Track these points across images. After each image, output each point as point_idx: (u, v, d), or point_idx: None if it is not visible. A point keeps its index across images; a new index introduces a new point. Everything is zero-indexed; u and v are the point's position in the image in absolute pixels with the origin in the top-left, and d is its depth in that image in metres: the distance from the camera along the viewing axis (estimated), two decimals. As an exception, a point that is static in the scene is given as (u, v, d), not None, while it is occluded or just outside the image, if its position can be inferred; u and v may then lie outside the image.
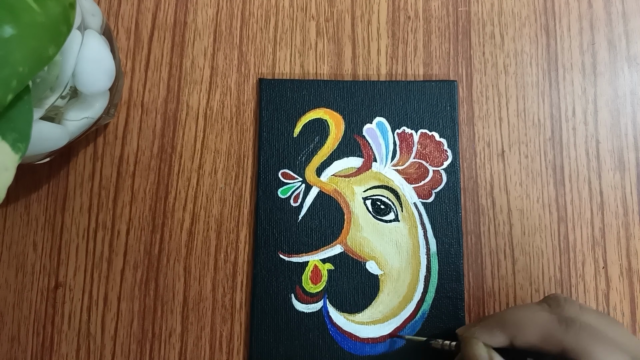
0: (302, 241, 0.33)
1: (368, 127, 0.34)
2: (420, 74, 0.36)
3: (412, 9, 0.37)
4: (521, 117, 0.35)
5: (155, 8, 0.37)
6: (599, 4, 0.37)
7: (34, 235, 0.34)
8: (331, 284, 0.33)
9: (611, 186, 0.34)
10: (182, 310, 0.33)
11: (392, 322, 0.32)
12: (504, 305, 0.33)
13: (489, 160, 0.35)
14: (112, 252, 0.34)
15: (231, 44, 0.36)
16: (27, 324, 0.33)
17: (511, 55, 0.36)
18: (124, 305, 0.33)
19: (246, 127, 0.35)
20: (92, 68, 0.27)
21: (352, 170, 0.34)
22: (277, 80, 0.35)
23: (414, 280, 0.33)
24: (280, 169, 0.34)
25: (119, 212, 0.34)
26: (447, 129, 0.34)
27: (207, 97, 0.36)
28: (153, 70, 0.36)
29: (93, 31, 0.28)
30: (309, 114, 0.35)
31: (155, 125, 0.35)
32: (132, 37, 0.37)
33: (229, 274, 0.34)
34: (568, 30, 0.36)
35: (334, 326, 0.32)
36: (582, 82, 0.36)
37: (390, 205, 0.33)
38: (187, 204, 0.34)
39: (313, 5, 0.37)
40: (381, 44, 0.36)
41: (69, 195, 0.35)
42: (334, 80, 0.35)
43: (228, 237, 0.34)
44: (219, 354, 0.33)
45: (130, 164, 0.35)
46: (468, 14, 0.37)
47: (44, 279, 0.34)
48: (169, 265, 0.34)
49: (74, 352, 0.33)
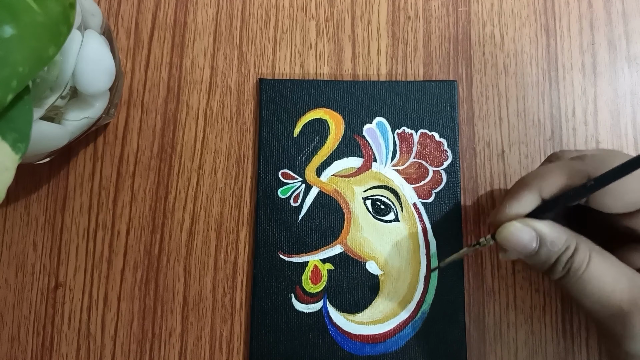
0: (302, 241, 0.33)
1: (368, 127, 0.34)
2: (420, 74, 0.36)
3: (412, 9, 0.37)
4: (521, 117, 0.35)
5: (155, 8, 0.37)
6: (599, 4, 0.37)
7: (34, 235, 0.34)
8: (331, 284, 0.33)
9: (611, 186, 0.34)
10: (182, 310, 0.33)
11: (392, 322, 0.32)
12: (504, 305, 0.33)
13: (489, 160, 0.35)
14: (112, 252, 0.34)
15: (231, 44, 0.36)
16: (27, 324, 0.33)
17: (511, 55, 0.36)
18: (124, 305, 0.33)
19: (246, 127, 0.35)
20: (92, 68, 0.27)
21: (352, 170, 0.34)
22: (277, 80, 0.35)
23: (414, 280, 0.33)
24: (280, 169, 0.34)
25: (119, 212, 0.34)
26: (447, 129, 0.34)
27: (207, 97, 0.36)
28: (153, 70, 0.36)
29: (93, 31, 0.28)
30: (309, 114, 0.35)
31: (155, 125, 0.35)
32: (132, 37, 0.37)
33: (229, 274, 0.34)
34: (568, 30, 0.36)
35: (334, 326, 0.32)
36: (582, 82, 0.36)
37: (390, 205, 0.33)
38: (187, 204, 0.34)
39: (313, 5, 0.37)
40: (381, 44, 0.36)
41: (69, 195, 0.35)
42: (334, 80, 0.35)
43: (228, 237, 0.34)
44: (219, 354, 0.33)
45: (130, 164, 0.35)
46: (468, 14, 0.37)
47: (44, 279, 0.34)
48: (169, 265, 0.34)
49: (74, 352, 0.33)
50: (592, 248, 0.25)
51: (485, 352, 0.32)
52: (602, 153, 0.27)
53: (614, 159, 0.24)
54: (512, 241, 0.25)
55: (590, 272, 0.25)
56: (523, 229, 0.25)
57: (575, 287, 0.25)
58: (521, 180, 0.27)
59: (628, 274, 0.25)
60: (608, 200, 0.24)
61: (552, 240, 0.25)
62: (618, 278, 0.24)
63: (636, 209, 0.24)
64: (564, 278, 0.25)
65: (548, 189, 0.25)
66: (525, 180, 0.27)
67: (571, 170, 0.25)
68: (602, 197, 0.24)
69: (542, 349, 0.32)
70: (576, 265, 0.25)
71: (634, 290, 0.24)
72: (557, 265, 0.25)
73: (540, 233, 0.25)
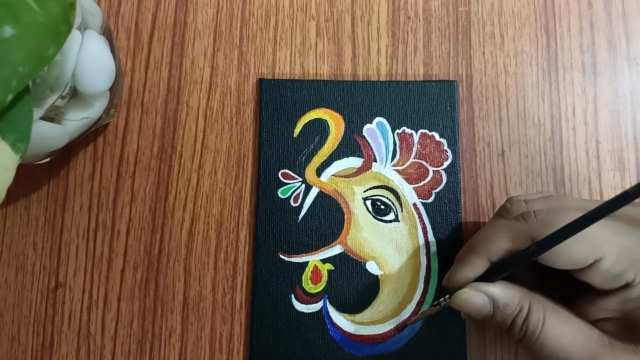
0: (302, 241, 0.33)
1: (368, 127, 0.34)
2: (420, 74, 0.36)
3: (412, 9, 0.37)
4: (521, 117, 0.35)
5: (155, 8, 0.37)
6: (599, 4, 0.37)
7: (34, 235, 0.34)
8: (331, 284, 0.33)
9: (611, 186, 0.34)
10: (182, 310, 0.33)
11: (392, 322, 0.32)
12: (504, 306, 0.33)
13: (489, 160, 0.35)
14: (112, 252, 0.34)
15: (231, 44, 0.36)
16: (27, 324, 0.33)
17: (511, 55, 0.36)
18: (124, 305, 0.33)
19: (246, 127, 0.35)
20: (92, 68, 0.27)
21: (352, 170, 0.34)
22: (277, 81, 0.35)
23: (414, 280, 0.33)
24: (280, 169, 0.34)
25: (119, 212, 0.34)
26: (447, 129, 0.34)
27: (207, 97, 0.36)
28: (153, 70, 0.36)
29: (93, 31, 0.28)
30: (309, 114, 0.35)
31: (155, 125, 0.35)
32: (132, 37, 0.37)
33: (229, 274, 0.34)
34: (568, 30, 0.36)
35: (334, 326, 0.32)
36: (582, 82, 0.36)
37: (390, 205, 0.33)
38: (187, 204, 0.34)
39: (313, 5, 0.37)
40: (381, 44, 0.36)
41: (69, 195, 0.35)
42: (334, 80, 0.35)
43: (228, 237, 0.34)
44: (219, 354, 0.33)
45: (130, 164, 0.35)
46: (468, 14, 0.37)
47: (44, 279, 0.34)
48: (169, 265, 0.34)
49: (74, 352, 0.33)
50: (545, 307, 0.25)
51: (485, 352, 0.32)
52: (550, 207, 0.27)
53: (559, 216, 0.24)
54: (466, 307, 0.26)
55: (545, 333, 0.25)
56: (475, 295, 0.26)
57: (534, 348, 0.25)
58: (469, 244, 0.27)
59: (584, 329, 0.25)
60: (555, 259, 0.24)
61: (504, 302, 0.25)
62: (574, 336, 0.24)
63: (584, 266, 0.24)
64: (523, 339, 0.25)
65: (495, 253, 0.26)
66: (473, 243, 0.27)
67: (515, 233, 0.25)
68: (549, 256, 0.24)
69: (542, 349, 0.32)
70: (532, 327, 0.25)
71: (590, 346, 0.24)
72: (514, 327, 0.25)
73: (492, 297, 0.25)
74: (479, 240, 0.27)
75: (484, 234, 0.27)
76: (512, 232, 0.26)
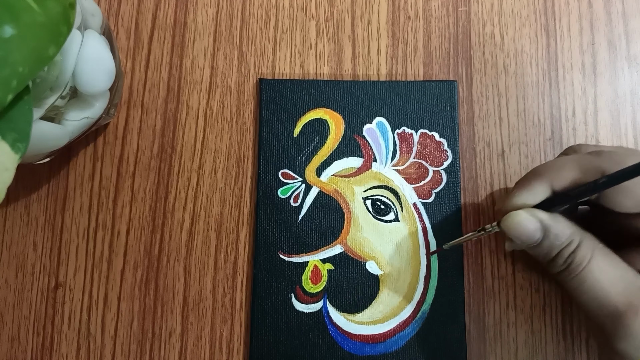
0: (302, 241, 0.33)
1: (368, 127, 0.34)
2: (420, 74, 0.36)
3: (412, 9, 0.37)
4: (521, 117, 0.35)
5: (155, 8, 0.37)
6: (599, 4, 0.37)
7: (34, 235, 0.34)
8: (331, 284, 0.33)
9: (611, 186, 0.34)
10: (182, 310, 0.33)
11: (392, 322, 0.32)
12: (504, 305, 0.33)
13: (489, 160, 0.35)
14: (112, 252, 0.34)
15: (231, 44, 0.36)
16: (27, 324, 0.33)
17: (511, 55, 0.36)
18: (124, 305, 0.33)
19: (246, 127, 0.35)
20: (92, 68, 0.27)
21: (352, 170, 0.34)
22: (277, 80, 0.35)
23: (414, 280, 0.33)
24: (280, 169, 0.34)
25: (119, 212, 0.34)
26: (447, 129, 0.34)
27: (207, 97, 0.36)
28: (153, 70, 0.36)
29: (93, 31, 0.28)
30: (309, 114, 0.35)
31: (155, 125, 0.35)
32: (132, 37, 0.37)
33: (229, 274, 0.34)
34: (568, 30, 0.36)
35: (334, 326, 0.32)
36: (582, 82, 0.36)
37: (390, 205, 0.33)
38: (187, 204, 0.34)
39: (313, 5, 0.37)
40: (381, 44, 0.36)
41: (69, 195, 0.35)
42: (334, 80, 0.35)
43: (228, 237, 0.34)
44: (219, 354, 0.33)
45: (130, 164, 0.35)
46: (468, 14, 0.37)
47: (44, 279, 0.34)
48: (169, 265, 0.34)
49: (74, 352, 0.33)
50: (595, 246, 0.25)
51: (485, 352, 0.32)
52: (620, 150, 0.27)
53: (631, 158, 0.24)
54: (516, 230, 0.25)
55: (590, 268, 0.25)
56: (529, 219, 0.25)
57: (572, 282, 0.25)
58: (534, 170, 0.27)
59: (628, 274, 0.25)
60: (620, 198, 0.24)
61: (556, 233, 0.25)
62: (617, 278, 0.24)
63: None
64: (563, 272, 0.25)
65: (560, 182, 0.25)
66: (538, 170, 0.26)
67: (586, 164, 0.25)
68: (614, 195, 0.24)
69: (542, 349, 0.32)
70: (577, 261, 0.25)
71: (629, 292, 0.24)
72: (557, 259, 0.25)
73: (546, 225, 0.25)
74: (545, 169, 0.26)
75: (551, 164, 0.26)
76: (584, 163, 0.25)
